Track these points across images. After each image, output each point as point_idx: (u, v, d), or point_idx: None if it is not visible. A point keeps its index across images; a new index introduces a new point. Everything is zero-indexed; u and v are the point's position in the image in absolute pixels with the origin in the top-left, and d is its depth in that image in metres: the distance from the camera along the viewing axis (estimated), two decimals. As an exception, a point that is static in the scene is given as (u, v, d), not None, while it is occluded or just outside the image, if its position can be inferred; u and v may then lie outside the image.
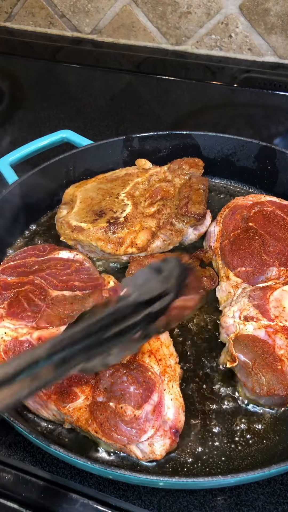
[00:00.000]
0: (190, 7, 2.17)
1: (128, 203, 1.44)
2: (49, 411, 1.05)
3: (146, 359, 1.05)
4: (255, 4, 2.06)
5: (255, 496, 1.00)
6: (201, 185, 1.48)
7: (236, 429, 1.06)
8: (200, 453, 1.03)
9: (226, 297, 1.26)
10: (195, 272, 0.98)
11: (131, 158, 1.63)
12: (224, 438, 1.05)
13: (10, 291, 1.20)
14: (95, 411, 0.98)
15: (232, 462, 1.02)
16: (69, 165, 1.59)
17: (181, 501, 1.00)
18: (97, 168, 1.61)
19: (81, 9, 2.38)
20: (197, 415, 1.09)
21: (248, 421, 1.08)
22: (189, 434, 1.06)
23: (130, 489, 1.01)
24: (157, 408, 0.99)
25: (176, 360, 1.09)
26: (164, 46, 2.35)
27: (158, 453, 0.98)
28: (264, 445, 1.04)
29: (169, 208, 1.44)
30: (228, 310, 1.19)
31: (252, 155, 1.60)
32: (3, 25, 2.60)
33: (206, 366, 1.18)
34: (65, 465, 1.04)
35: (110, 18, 2.36)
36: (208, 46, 2.27)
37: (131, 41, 2.39)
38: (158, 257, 1.33)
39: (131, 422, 0.96)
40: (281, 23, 2.06)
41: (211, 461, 1.02)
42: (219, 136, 1.62)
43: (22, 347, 1.09)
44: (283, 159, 1.55)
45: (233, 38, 2.20)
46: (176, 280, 0.91)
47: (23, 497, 1.01)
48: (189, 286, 0.93)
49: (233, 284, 1.25)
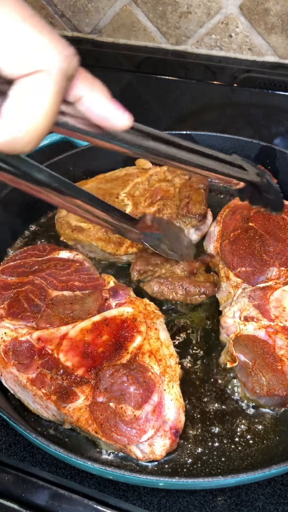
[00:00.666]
0: (190, 7, 2.17)
1: (128, 203, 1.44)
2: (49, 411, 1.05)
3: (146, 359, 1.05)
4: (255, 4, 2.06)
5: (256, 497, 1.00)
6: (201, 185, 1.48)
7: (236, 430, 1.06)
8: (200, 453, 1.03)
9: (226, 297, 1.25)
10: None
11: (131, 158, 1.63)
12: (224, 438, 1.05)
13: (10, 291, 1.20)
14: (95, 411, 0.98)
15: (232, 462, 1.02)
16: (69, 165, 1.59)
17: (181, 502, 0.99)
18: (97, 168, 1.61)
19: (81, 9, 2.38)
20: (197, 415, 1.09)
21: (248, 421, 1.08)
22: (189, 434, 1.06)
23: (130, 489, 1.01)
24: (157, 409, 0.99)
25: (176, 361, 1.09)
26: (164, 46, 2.34)
27: (158, 454, 0.98)
28: (265, 445, 1.04)
29: (169, 208, 1.44)
30: (228, 310, 1.19)
31: (252, 155, 1.60)
32: (3, 25, 2.59)
33: (206, 366, 1.18)
34: (65, 465, 1.04)
35: (110, 18, 2.36)
36: (208, 46, 2.27)
37: (131, 41, 2.39)
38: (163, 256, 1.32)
39: (131, 422, 0.96)
40: (281, 23, 2.06)
41: (211, 462, 1.02)
42: (219, 136, 1.62)
43: (22, 347, 1.09)
44: (283, 159, 1.55)
45: (233, 38, 2.20)
46: None
47: (23, 497, 1.01)
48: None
49: (233, 284, 1.25)
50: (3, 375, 1.11)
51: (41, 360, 1.07)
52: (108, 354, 1.05)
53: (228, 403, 1.11)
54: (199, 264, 1.32)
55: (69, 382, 1.03)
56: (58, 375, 1.04)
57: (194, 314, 1.29)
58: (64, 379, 1.03)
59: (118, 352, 1.05)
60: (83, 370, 1.03)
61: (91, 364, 1.04)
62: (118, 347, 1.06)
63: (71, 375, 1.03)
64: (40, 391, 1.04)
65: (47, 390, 1.04)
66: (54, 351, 1.07)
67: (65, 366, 1.04)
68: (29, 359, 1.08)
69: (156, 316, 1.15)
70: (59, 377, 1.04)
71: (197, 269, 1.30)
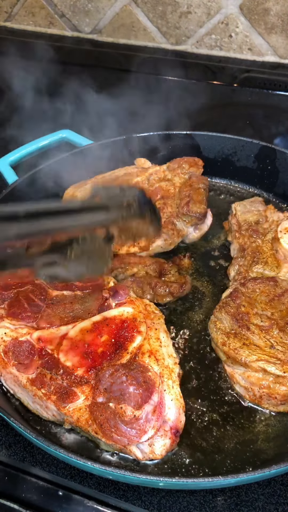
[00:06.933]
0: (190, 7, 2.17)
1: (129, 202, 1.44)
2: (49, 411, 1.05)
3: (146, 359, 1.05)
4: (255, 4, 2.06)
5: (255, 497, 1.00)
6: (201, 184, 1.48)
7: (236, 430, 1.06)
8: (200, 453, 1.03)
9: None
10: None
11: (131, 158, 1.63)
12: (224, 438, 1.05)
13: (10, 291, 1.20)
14: (95, 411, 0.98)
15: (232, 462, 1.02)
16: (69, 165, 1.59)
17: (181, 502, 0.99)
18: (97, 168, 1.61)
19: (81, 9, 2.38)
20: (197, 415, 1.09)
21: (248, 421, 1.07)
22: (189, 434, 1.06)
23: (130, 489, 1.01)
24: (157, 409, 0.99)
25: (176, 361, 1.09)
26: (164, 46, 2.34)
27: (158, 453, 0.98)
28: (265, 445, 1.04)
29: (170, 207, 1.44)
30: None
31: (252, 155, 1.60)
32: (3, 25, 2.59)
33: (206, 366, 1.18)
34: (65, 465, 1.04)
35: (110, 18, 2.35)
36: (208, 46, 2.27)
37: (131, 41, 2.39)
38: (140, 258, 1.36)
39: (131, 422, 0.96)
40: (281, 23, 2.06)
41: (211, 462, 1.02)
42: (219, 136, 1.62)
43: (22, 347, 1.09)
44: (283, 159, 1.55)
45: (233, 38, 2.20)
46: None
47: (23, 497, 1.01)
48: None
49: None
50: (3, 375, 1.11)
51: (41, 360, 1.07)
52: (108, 354, 1.05)
53: (228, 403, 1.11)
54: (170, 265, 1.35)
55: (69, 382, 1.03)
56: (58, 375, 1.04)
57: (194, 314, 1.29)
58: (64, 379, 1.03)
59: (118, 352, 1.05)
60: (83, 370, 1.03)
61: (91, 364, 1.04)
62: (118, 347, 1.06)
63: (71, 375, 1.03)
64: (40, 391, 1.04)
65: (47, 390, 1.04)
66: (54, 351, 1.07)
67: (65, 366, 1.04)
68: (29, 359, 1.08)
69: (156, 316, 1.15)
70: (59, 377, 1.04)
71: (168, 270, 1.33)
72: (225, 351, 1.11)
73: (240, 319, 1.14)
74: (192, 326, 1.26)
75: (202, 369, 1.17)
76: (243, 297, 1.18)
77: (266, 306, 1.16)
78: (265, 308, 1.16)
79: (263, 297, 1.18)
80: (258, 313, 1.15)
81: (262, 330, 1.11)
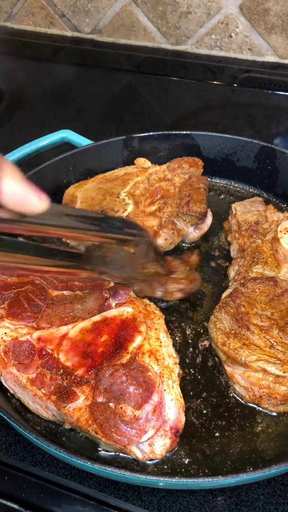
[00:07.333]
0: (190, 7, 2.17)
1: (129, 202, 1.44)
2: (49, 411, 1.05)
3: (146, 359, 1.05)
4: (255, 4, 2.06)
5: (255, 497, 1.00)
6: (201, 184, 1.48)
7: (236, 430, 1.06)
8: (200, 453, 1.03)
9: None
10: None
11: (131, 158, 1.63)
12: (224, 438, 1.05)
13: (10, 291, 1.20)
14: (95, 411, 0.98)
15: (232, 462, 1.02)
16: (69, 165, 1.59)
17: (181, 501, 0.99)
18: (97, 168, 1.61)
19: (81, 9, 2.38)
20: (197, 415, 1.09)
21: (248, 421, 1.07)
22: (189, 434, 1.06)
23: (130, 489, 1.01)
24: (157, 408, 0.99)
25: (176, 361, 1.09)
26: (164, 46, 2.34)
27: (158, 453, 0.98)
28: (265, 445, 1.04)
29: (170, 206, 1.44)
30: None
31: (252, 155, 1.60)
32: (3, 25, 2.59)
33: (206, 366, 1.18)
34: (65, 465, 1.04)
35: (110, 18, 2.35)
36: (208, 46, 2.27)
37: (131, 41, 2.39)
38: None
39: (131, 422, 0.96)
40: (281, 23, 2.06)
41: (211, 461, 1.02)
42: (219, 136, 1.62)
43: (22, 347, 1.09)
44: (283, 159, 1.55)
45: (233, 38, 2.20)
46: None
47: (23, 497, 1.01)
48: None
49: None
50: (3, 375, 1.11)
51: (41, 360, 1.07)
52: (108, 354, 1.05)
53: (228, 403, 1.11)
54: (179, 262, 1.34)
55: (69, 382, 1.03)
56: (58, 375, 1.04)
57: (194, 314, 1.29)
58: (64, 379, 1.03)
59: (118, 352, 1.05)
60: (83, 370, 1.03)
61: (91, 364, 1.04)
62: (118, 347, 1.06)
63: (71, 375, 1.03)
64: (40, 391, 1.04)
65: (47, 390, 1.04)
66: (54, 351, 1.07)
67: (65, 366, 1.04)
68: (29, 359, 1.08)
69: (156, 316, 1.15)
70: (59, 377, 1.04)
71: (177, 268, 1.33)
72: (225, 351, 1.11)
73: (240, 319, 1.14)
74: (192, 326, 1.26)
75: (202, 368, 1.17)
76: (243, 297, 1.18)
77: (266, 306, 1.16)
78: (265, 308, 1.16)
79: (263, 297, 1.18)
80: (258, 313, 1.15)
81: (262, 330, 1.11)
